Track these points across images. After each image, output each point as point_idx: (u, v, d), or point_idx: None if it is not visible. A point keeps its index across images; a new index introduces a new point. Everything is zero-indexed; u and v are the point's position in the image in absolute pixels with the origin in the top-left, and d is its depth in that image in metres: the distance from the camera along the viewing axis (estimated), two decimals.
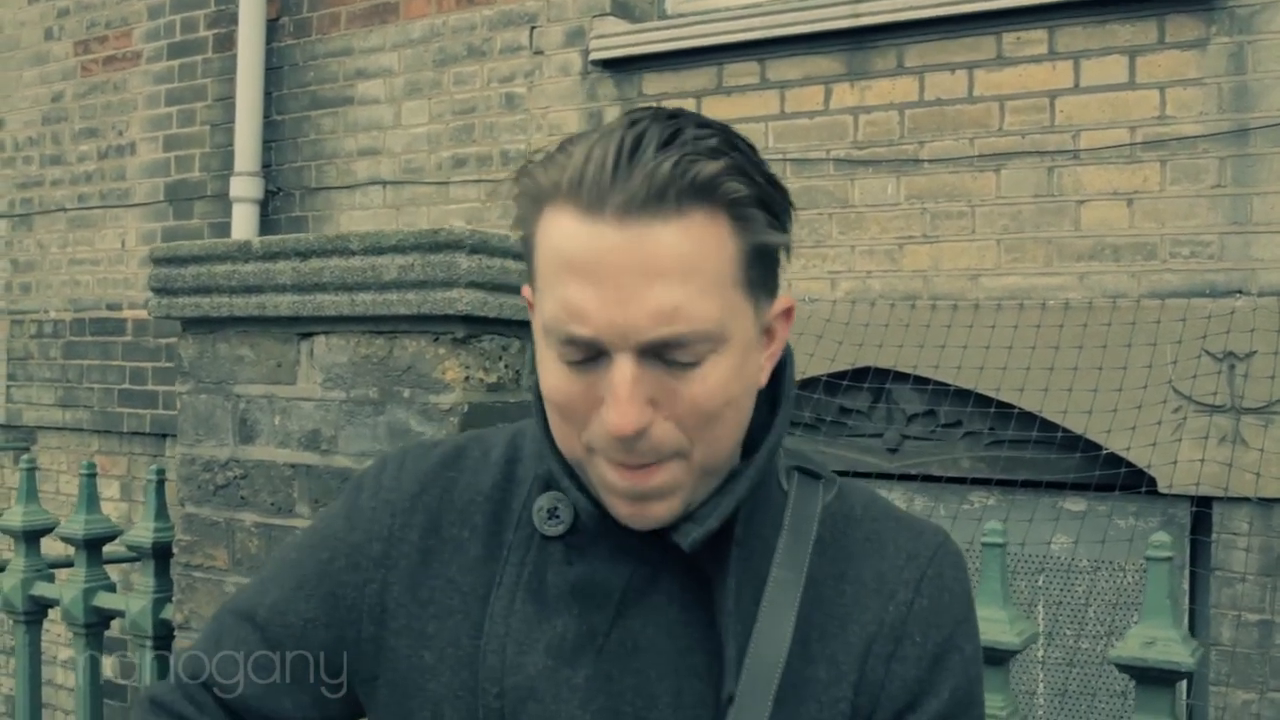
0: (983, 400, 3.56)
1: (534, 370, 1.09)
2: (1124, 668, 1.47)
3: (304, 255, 1.95)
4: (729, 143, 0.98)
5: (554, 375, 1.01)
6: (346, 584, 1.18)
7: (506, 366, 1.91)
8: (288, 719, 1.20)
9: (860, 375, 3.78)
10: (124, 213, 5.89)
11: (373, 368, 1.92)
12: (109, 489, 5.78)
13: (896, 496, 3.83)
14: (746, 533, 1.08)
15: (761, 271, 1.01)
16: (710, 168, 0.94)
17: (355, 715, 1.22)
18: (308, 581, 1.20)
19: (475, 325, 1.85)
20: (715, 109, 4.16)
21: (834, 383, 3.82)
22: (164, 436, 5.58)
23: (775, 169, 3.52)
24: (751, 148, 1.02)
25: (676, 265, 0.94)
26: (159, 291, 2.15)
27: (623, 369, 0.96)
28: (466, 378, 1.84)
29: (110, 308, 5.89)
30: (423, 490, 1.18)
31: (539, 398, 1.08)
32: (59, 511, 2.78)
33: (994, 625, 1.53)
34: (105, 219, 5.98)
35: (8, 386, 6.34)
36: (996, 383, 3.51)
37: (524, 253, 1.05)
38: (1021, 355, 3.49)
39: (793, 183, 3.99)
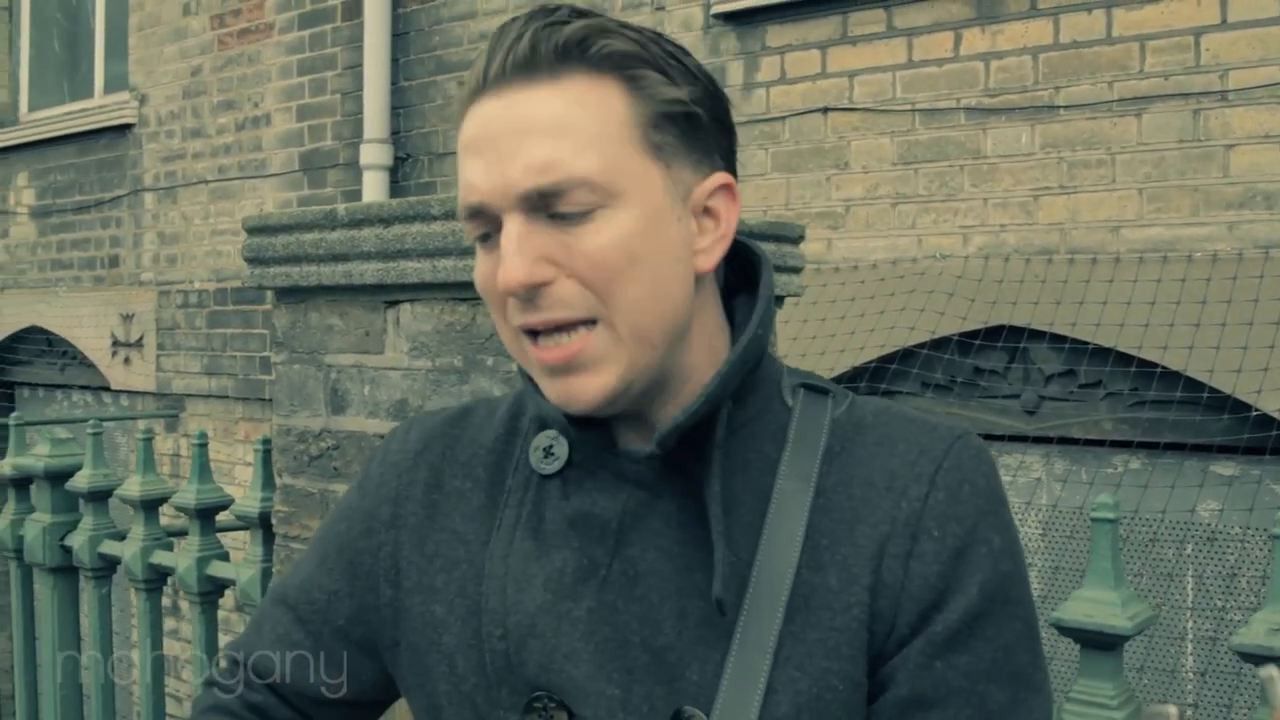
0: (1124, 359, 3.38)
1: None
2: (1247, 656, 1.34)
3: (387, 221, 1.90)
4: (600, 19, 1.01)
5: (478, 266, 1.04)
6: (363, 550, 1.18)
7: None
8: (321, 696, 1.21)
9: (994, 334, 3.62)
10: (261, 183, 5.99)
11: (456, 335, 1.87)
12: (251, 455, 5.91)
13: (1034, 460, 3.67)
14: (738, 445, 1.04)
15: (676, 137, 1.01)
16: (574, 28, 0.98)
17: (388, 689, 1.22)
18: (329, 555, 1.22)
19: None
20: (841, 60, 4.02)
21: (967, 342, 3.67)
22: None
23: (904, 121, 3.37)
24: (645, 29, 1.03)
25: (550, 123, 0.97)
26: (252, 261, 2.14)
27: (509, 226, 0.97)
28: None
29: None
30: (425, 448, 1.19)
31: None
32: None
33: (1104, 608, 1.41)
34: (244, 190, 6.09)
35: (157, 356, 6.52)
36: (1138, 340, 3.32)
37: None
38: (1165, 311, 3.29)
39: (921, 134, 3.83)
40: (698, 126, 1.03)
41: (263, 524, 2.41)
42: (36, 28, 8.07)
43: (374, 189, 5.28)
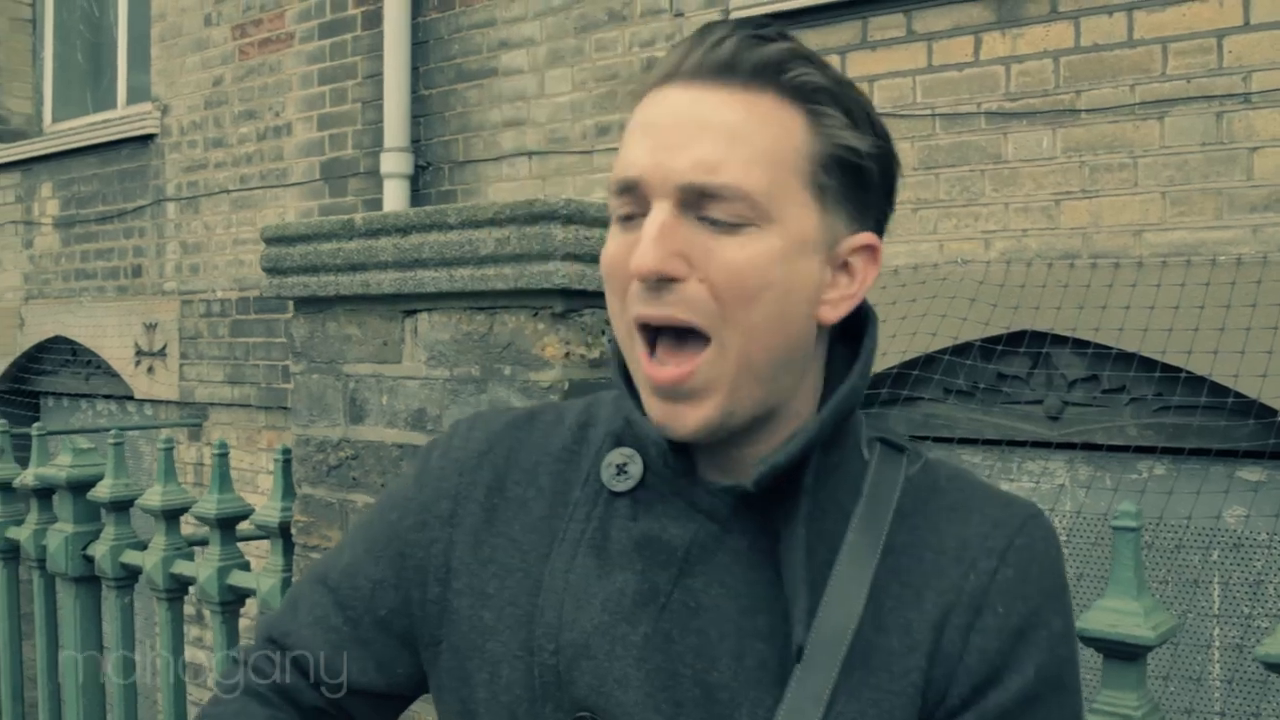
0: (1148, 364, 3.35)
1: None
2: (1272, 666, 1.32)
3: (404, 231, 1.90)
4: (803, 48, 1.02)
5: (608, 244, 1.03)
6: (414, 543, 1.17)
7: (610, 342, 1.83)
8: (353, 683, 1.19)
9: (1016, 339, 3.60)
10: (283, 192, 6.01)
11: (474, 344, 1.87)
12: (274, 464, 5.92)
13: (1058, 466, 3.64)
14: (820, 493, 1.04)
15: (840, 185, 1.01)
16: (777, 49, 0.99)
17: (419, 684, 1.20)
18: (377, 543, 1.20)
19: (574, 299, 1.78)
20: (861, 65, 4.01)
21: (989, 348, 3.64)
22: None
23: (924, 125, 3.34)
24: (836, 72, 1.04)
25: (728, 127, 0.97)
26: (270, 271, 2.14)
27: (657, 211, 0.97)
28: (566, 354, 1.77)
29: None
30: (490, 449, 1.18)
31: (617, 352, 1.09)
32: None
33: (1127, 618, 1.39)
34: (265, 199, 6.11)
35: (180, 365, 6.54)
36: (1162, 345, 3.29)
37: None
38: (1189, 315, 3.27)
39: (942, 139, 3.82)
40: (865, 181, 1.03)
41: (283, 533, 2.41)
42: (60, 40, 8.12)
43: (394, 197, 5.29)
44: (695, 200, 0.97)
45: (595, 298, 1.80)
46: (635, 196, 0.99)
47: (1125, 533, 1.42)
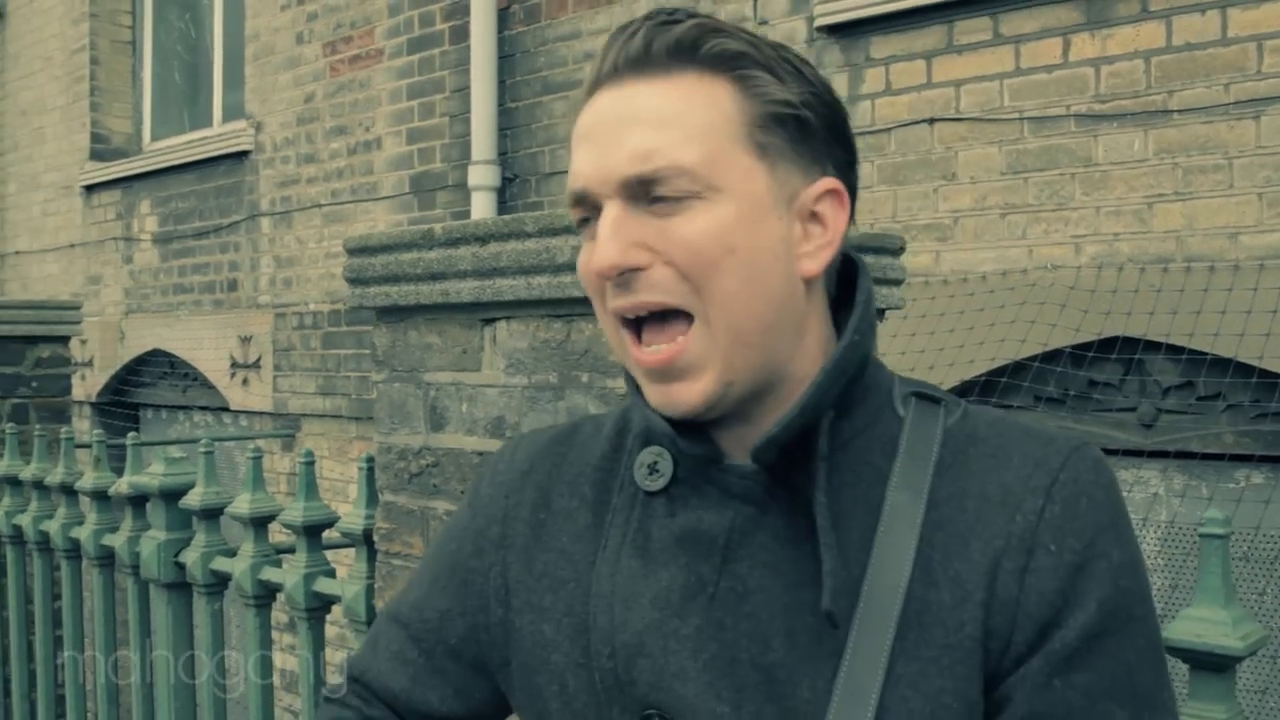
0: (1244, 370, 3.27)
1: None
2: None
3: (483, 240, 1.91)
4: (711, 20, 1.03)
5: (580, 258, 1.06)
6: (474, 570, 1.20)
7: None
8: (434, 711, 1.22)
9: (1108, 345, 3.53)
10: (373, 206, 6.09)
11: (551, 352, 1.87)
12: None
13: (1152, 475, 3.57)
14: (847, 456, 1.03)
15: (783, 139, 1.02)
16: (687, 27, 1.01)
17: (500, 706, 1.22)
18: (441, 575, 1.23)
19: None
20: (947, 69, 3.96)
21: (1080, 354, 3.58)
22: None
23: (1012, 129, 3.30)
24: (757, 35, 1.05)
25: (656, 115, 0.99)
26: (353, 281, 2.16)
27: (608, 210, 1.00)
28: None
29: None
30: (532, 468, 1.20)
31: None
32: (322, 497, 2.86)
33: (1214, 628, 1.35)
34: (356, 213, 6.20)
35: (274, 376, 6.65)
36: (1259, 350, 3.21)
37: None
38: None
39: (1031, 142, 3.76)
40: (808, 131, 1.03)
41: (367, 541, 2.43)
42: (158, 60, 8.32)
43: (482, 210, 5.34)
44: (640, 190, 0.99)
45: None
46: (588, 204, 1.02)
47: (1213, 540, 1.38)
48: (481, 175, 5.35)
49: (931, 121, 4.01)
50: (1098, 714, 0.94)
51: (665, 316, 1.00)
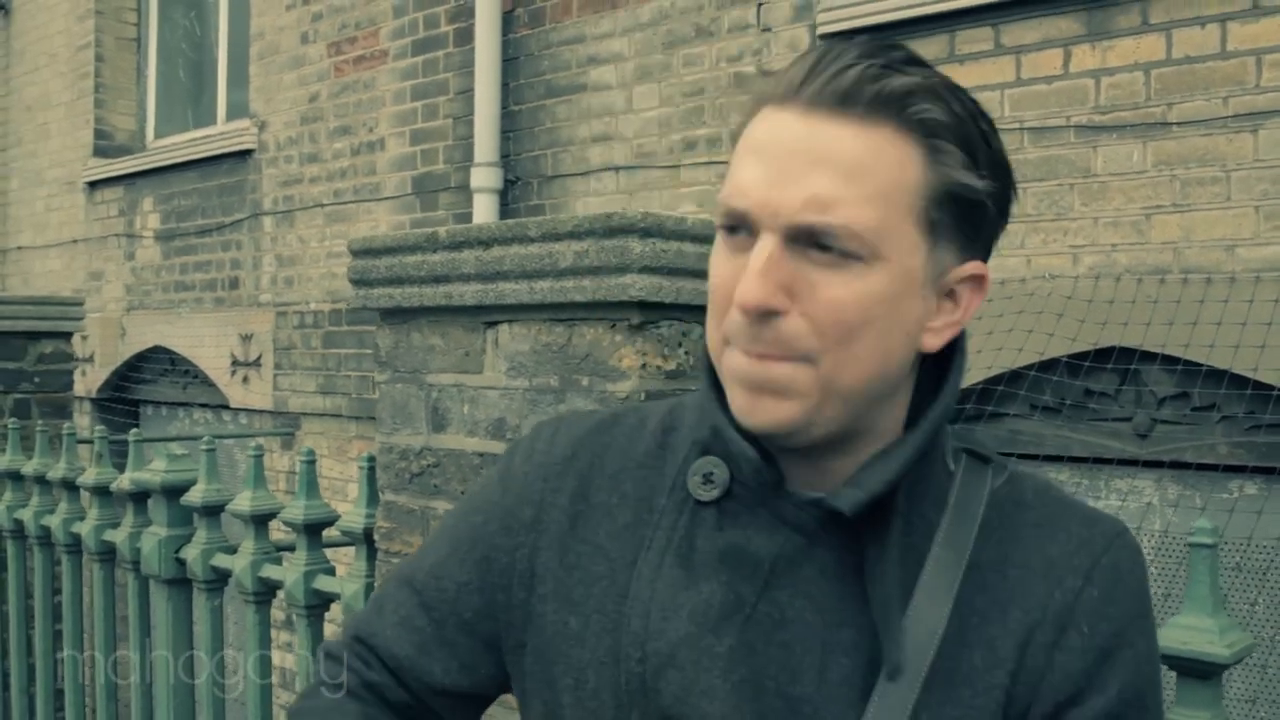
0: (1239, 381, 3.29)
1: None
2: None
3: (486, 244, 1.94)
4: (930, 78, 0.99)
5: (715, 260, 1.03)
6: (499, 548, 1.18)
7: (686, 353, 1.85)
8: (436, 682, 1.20)
9: (1104, 355, 3.56)
10: (375, 206, 6.11)
11: (553, 356, 1.90)
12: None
13: (1146, 484, 3.59)
14: (908, 508, 1.03)
15: (951, 220, 1.00)
16: (902, 82, 0.96)
17: (502, 684, 1.22)
18: (462, 546, 1.21)
19: (651, 311, 1.80)
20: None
21: (1076, 364, 3.60)
22: None
23: (1012, 139, 3.29)
24: (973, 101, 1.01)
25: (844, 163, 0.95)
26: (357, 283, 2.19)
27: (764, 244, 0.97)
28: (643, 365, 1.79)
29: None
30: (574, 455, 1.18)
31: (707, 358, 1.09)
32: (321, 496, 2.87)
33: (1201, 635, 1.38)
34: (358, 213, 6.22)
35: (274, 375, 6.68)
36: (1254, 362, 3.23)
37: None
38: None
39: (1030, 153, 3.79)
40: (979, 216, 1.02)
41: (367, 540, 2.45)
42: (162, 58, 8.35)
43: (484, 212, 5.36)
44: (805, 235, 0.96)
45: (672, 310, 1.82)
46: (743, 224, 0.99)
47: (1202, 549, 1.41)
48: (484, 177, 5.37)
49: None
50: None
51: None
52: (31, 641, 3.67)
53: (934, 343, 1.04)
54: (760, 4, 4.52)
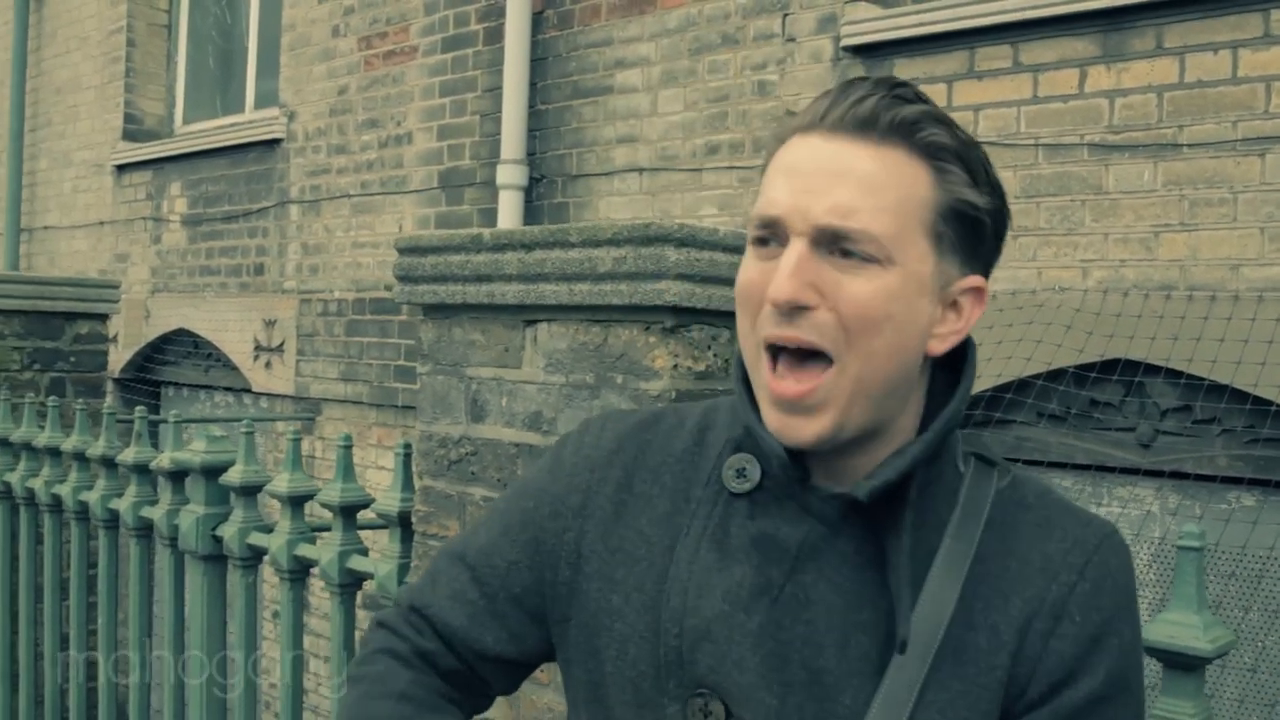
0: (1239, 396, 3.41)
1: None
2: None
3: (528, 247, 2.06)
4: (935, 110, 1.14)
5: (744, 268, 1.16)
6: (548, 530, 1.31)
7: (715, 355, 1.97)
8: (487, 650, 1.33)
9: (1110, 367, 3.67)
10: (401, 199, 6.23)
11: (589, 354, 2.02)
12: (385, 458, 6.15)
13: (1147, 493, 3.70)
14: (921, 502, 1.15)
15: (956, 234, 1.14)
16: (912, 110, 1.11)
17: (547, 654, 1.35)
18: (513, 527, 1.34)
19: (684, 315, 1.92)
20: (966, 94, 4.10)
21: (1083, 374, 3.72)
22: None
23: (1027, 155, 3.42)
24: (968, 134, 1.17)
25: (863, 178, 1.10)
26: (402, 279, 2.31)
27: (794, 247, 1.10)
28: (675, 365, 1.91)
29: (388, 288, 6.21)
30: (619, 449, 1.31)
31: (740, 365, 1.21)
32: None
33: (1186, 630, 1.50)
34: (384, 205, 6.34)
35: (297, 361, 6.80)
36: (1255, 378, 3.35)
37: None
38: None
39: (1044, 168, 3.90)
40: (979, 233, 1.16)
41: (401, 523, 2.57)
42: (193, 45, 8.47)
43: (509, 208, 5.47)
44: (829, 239, 1.09)
45: (703, 315, 1.95)
46: (775, 231, 1.12)
47: (1188, 552, 1.53)
48: (510, 174, 5.48)
49: None
50: None
51: (805, 356, 1.12)
52: (66, 613, 3.79)
53: (940, 347, 1.16)
54: (786, 15, 4.63)
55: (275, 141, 7.09)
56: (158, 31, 8.59)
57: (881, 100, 1.11)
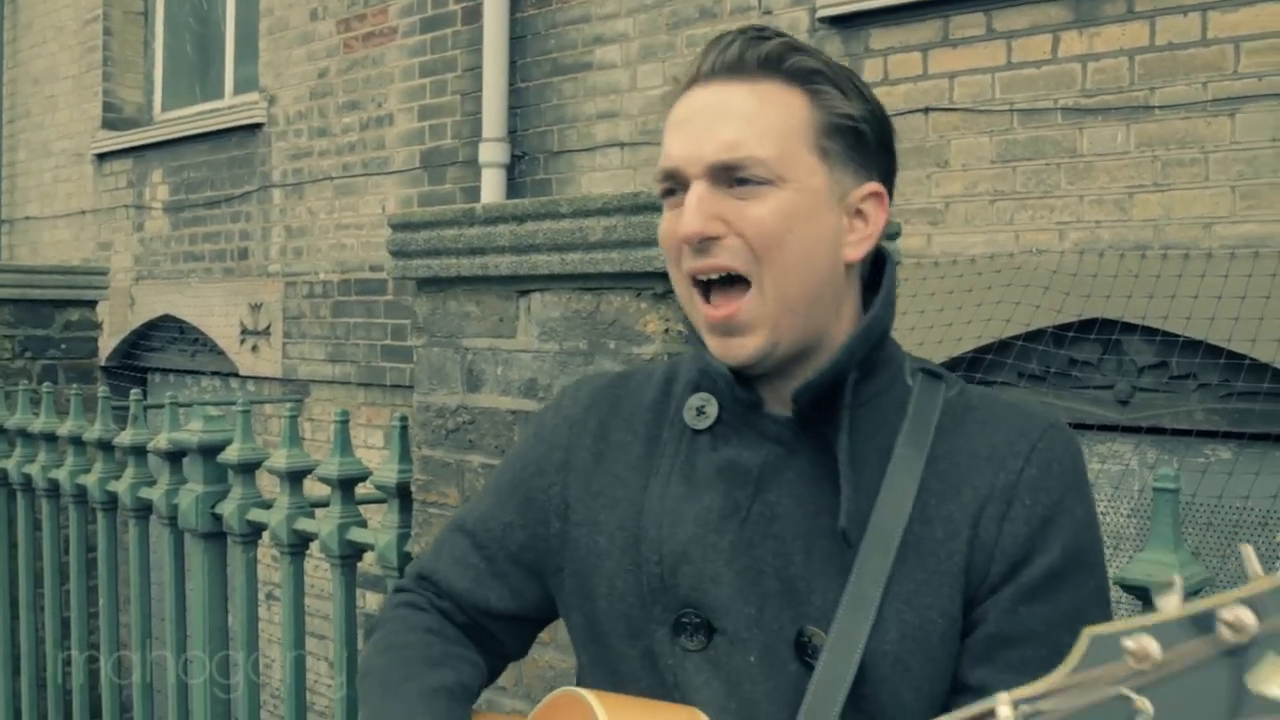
0: (1214, 351, 3.48)
1: None
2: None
3: (520, 219, 2.12)
4: (795, 41, 1.24)
5: (662, 224, 1.26)
6: (536, 488, 1.41)
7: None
8: (492, 607, 1.43)
9: (1088, 326, 3.74)
10: (384, 180, 6.27)
11: (582, 321, 2.08)
12: (373, 437, 6.20)
13: (1126, 449, 3.78)
14: (871, 414, 1.24)
15: (842, 147, 1.23)
16: (774, 44, 1.21)
17: (547, 607, 1.44)
18: (505, 492, 1.45)
19: None
20: (942, 62, 4.16)
21: (1061, 334, 3.79)
22: None
23: (1002, 120, 3.49)
24: (825, 55, 1.26)
25: (742, 113, 1.20)
26: (396, 254, 2.36)
27: (695, 187, 1.20)
28: (665, 329, 1.98)
29: (373, 269, 6.30)
30: (594, 404, 1.42)
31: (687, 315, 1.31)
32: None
33: (1162, 569, 1.56)
34: (367, 186, 6.38)
35: (284, 343, 6.84)
36: (1228, 333, 3.43)
37: None
38: (1255, 305, 3.40)
39: (1020, 133, 3.97)
40: (862, 142, 1.24)
41: (399, 494, 2.63)
42: (170, 31, 8.47)
43: (492, 186, 5.52)
44: (723, 174, 1.19)
45: None
46: (676, 180, 1.22)
47: (1164, 494, 1.60)
48: (492, 152, 5.53)
49: (926, 111, 4.21)
50: (1052, 638, 1.16)
51: (731, 282, 1.21)
52: (66, 596, 3.83)
53: (854, 254, 1.25)
54: None
55: (256, 126, 7.11)
56: (134, 19, 8.58)
57: (746, 42, 1.21)
